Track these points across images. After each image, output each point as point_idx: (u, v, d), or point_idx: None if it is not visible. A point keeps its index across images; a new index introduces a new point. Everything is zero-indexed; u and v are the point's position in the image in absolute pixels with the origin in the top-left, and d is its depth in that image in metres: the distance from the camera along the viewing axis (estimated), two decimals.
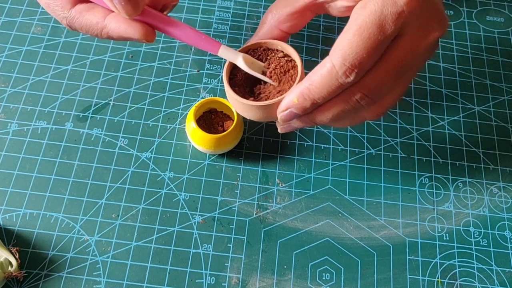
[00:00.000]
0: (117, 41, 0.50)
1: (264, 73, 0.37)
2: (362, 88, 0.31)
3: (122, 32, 0.34)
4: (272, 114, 0.35)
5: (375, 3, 0.30)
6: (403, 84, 0.34)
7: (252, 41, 0.37)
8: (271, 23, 0.36)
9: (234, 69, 0.37)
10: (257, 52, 0.38)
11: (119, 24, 0.34)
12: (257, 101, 0.36)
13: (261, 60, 0.37)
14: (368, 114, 0.34)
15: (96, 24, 0.34)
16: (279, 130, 0.37)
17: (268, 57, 0.37)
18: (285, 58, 0.37)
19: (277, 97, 0.35)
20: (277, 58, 0.37)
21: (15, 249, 0.39)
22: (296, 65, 0.36)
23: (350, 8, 0.32)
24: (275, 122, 0.38)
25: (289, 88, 0.35)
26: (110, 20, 0.34)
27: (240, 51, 0.37)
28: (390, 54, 0.31)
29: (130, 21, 0.34)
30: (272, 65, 0.37)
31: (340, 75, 0.30)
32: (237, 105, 0.37)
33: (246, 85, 0.37)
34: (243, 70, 0.37)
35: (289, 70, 0.37)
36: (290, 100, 0.33)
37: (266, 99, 0.36)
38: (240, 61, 0.36)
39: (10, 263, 0.38)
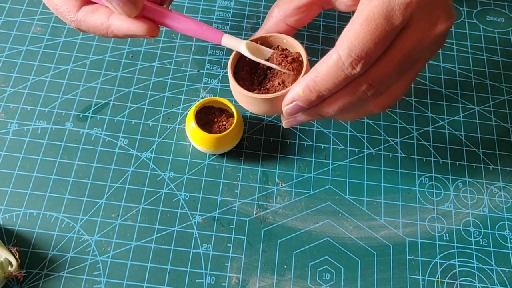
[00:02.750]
0: (117, 41, 0.50)
1: (269, 60, 0.36)
2: (368, 79, 0.31)
3: (125, 30, 0.34)
4: (277, 108, 0.35)
5: None
6: (410, 76, 0.33)
7: (258, 34, 0.37)
8: (277, 17, 0.36)
9: (238, 63, 0.37)
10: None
11: (122, 22, 0.34)
12: (261, 94, 0.35)
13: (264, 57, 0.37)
14: (374, 106, 0.34)
15: (101, 24, 0.35)
16: (283, 125, 0.37)
17: (273, 52, 0.37)
18: (291, 53, 0.36)
19: (282, 90, 0.35)
20: (282, 51, 0.37)
21: (15, 249, 0.39)
22: (301, 59, 0.36)
23: (356, 2, 0.32)
24: (276, 117, 0.38)
25: (294, 81, 0.35)
26: (113, 19, 0.34)
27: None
28: (397, 45, 0.31)
29: (132, 19, 0.34)
30: (276, 55, 0.36)
31: (346, 66, 0.30)
32: (241, 98, 0.36)
33: (251, 79, 0.37)
34: (247, 65, 0.36)
35: (294, 63, 0.36)
36: (296, 92, 0.32)
37: (271, 92, 0.35)
38: (244, 48, 0.35)
39: (10, 263, 0.38)
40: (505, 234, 0.43)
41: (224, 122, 0.44)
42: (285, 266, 0.41)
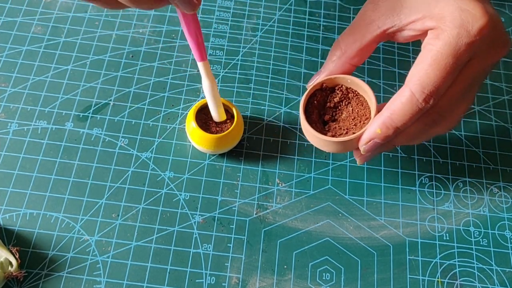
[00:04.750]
0: (117, 41, 0.50)
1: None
2: (437, 108, 0.34)
3: None
4: (351, 147, 0.38)
5: (449, 35, 0.32)
6: (471, 96, 0.37)
7: (322, 77, 0.39)
8: (342, 60, 0.38)
9: (308, 107, 0.39)
10: (325, 90, 0.40)
11: None
12: (335, 136, 0.38)
13: (326, 96, 0.40)
14: (441, 129, 0.37)
15: None
16: (358, 163, 0.40)
17: (343, 102, 0.40)
18: (358, 104, 0.40)
19: (354, 130, 0.38)
20: (350, 106, 0.40)
21: (15, 249, 0.39)
22: (365, 96, 0.39)
23: (415, 36, 0.36)
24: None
25: (364, 120, 0.38)
26: None
27: (311, 89, 0.39)
28: (463, 74, 0.34)
29: None
30: (344, 114, 0.40)
31: (420, 101, 0.33)
32: (316, 141, 0.39)
33: (321, 121, 0.40)
34: (316, 107, 0.39)
35: (362, 105, 0.39)
36: (373, 131, 0.35)
37: (343, 132, 0.39)
38: (210, 85, 0.40)
39: (10, 263, 0.38)
40: (505, 234, 0.43)
41: (224, 122, 0.44)
42: (285, 266, 0.41)
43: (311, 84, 0.40)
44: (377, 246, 0.42)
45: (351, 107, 0.40)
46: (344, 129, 0.39)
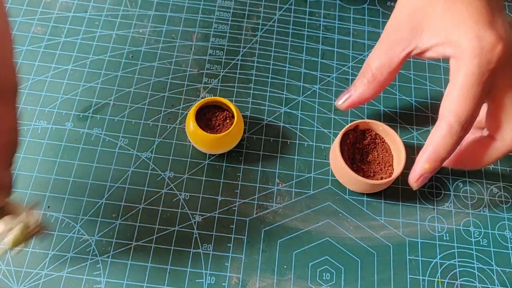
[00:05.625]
0: (117, 41, 0.50)
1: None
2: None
3: None
4: (378, 188, 0.42)
5: (471, 66, 0.34)
6: None
7: (355, 96, 0.42)
8: (373, 84, 0.41)
9: (341, 144, 0.42)
10: (357, 131, 0.44)
11: None
12: (364, 177, 0.41)
13: (357, 137, 0.44)
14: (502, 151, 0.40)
15: None
16: (414, 189, 0.40)
17: (370, 145, 0.44)
18: (383, 150, 0.44)
19: (380, 174, 0.42)
20: (375, 150, 0.44)
21: (29, 207, 0.35)
22: (391, 145, 0.44)
23: (438, 58, 0.38)
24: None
25: (387, 166, 0.43)
26: None
27: (346, 129, 0.42)
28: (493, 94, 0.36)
29: None
30: (370, 157, 0.44)
31: (459, 130, 0.35)
32: (347, 179, 0.42)
33: (350, 159, 0.43)
34: (347, 145, 0.43)
35: (387, 152, 0.44)
36: (421, 167, 0.38)
37: (370, 174, 0.42)
38: None
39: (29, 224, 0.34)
40: (505, 234, 0.43)
41: (224, 122, 0.44)
42: (285, 266, 0.41)
43: (341, 103, 0.43)
44: (377, 246, 0.42)
45: (377, 152, 0.43)
46: (371, 172, 0.42)
